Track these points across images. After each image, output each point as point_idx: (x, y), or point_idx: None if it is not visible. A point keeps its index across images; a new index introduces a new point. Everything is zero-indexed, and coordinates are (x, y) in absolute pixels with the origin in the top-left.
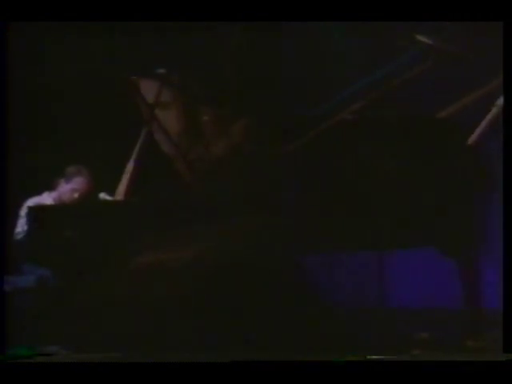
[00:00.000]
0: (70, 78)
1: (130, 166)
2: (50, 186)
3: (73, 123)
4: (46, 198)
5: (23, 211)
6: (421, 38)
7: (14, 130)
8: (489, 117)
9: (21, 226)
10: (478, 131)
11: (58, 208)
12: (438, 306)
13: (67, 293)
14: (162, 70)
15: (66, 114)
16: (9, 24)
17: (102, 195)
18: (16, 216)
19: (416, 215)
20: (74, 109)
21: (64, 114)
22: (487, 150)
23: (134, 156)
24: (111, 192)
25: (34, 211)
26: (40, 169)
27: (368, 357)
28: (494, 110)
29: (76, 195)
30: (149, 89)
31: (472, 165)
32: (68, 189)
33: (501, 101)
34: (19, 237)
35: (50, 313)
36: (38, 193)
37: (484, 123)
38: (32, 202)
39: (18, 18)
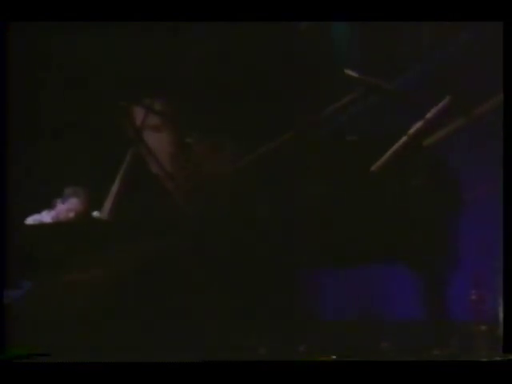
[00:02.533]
0: (70, 79)
1: (115, 186)
2: (48, 202)
3: (72, 126)
4: (45, 217)
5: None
6: (349, 72)
7: (13, 130)
8: (395, 147)
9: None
10: (382, 159)
11: (51, 225)
12: (404, 317)
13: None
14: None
15: (66, 116)
16: (9, 24)
17: (95, 213)
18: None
19: (382, 232)
20: (74, 110)
21: (63, 116)
22: (453, 167)
23: (119, 176)
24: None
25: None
26: (39, 178)
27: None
28: (404, 139)
29: (72, 215)
30: (136, 112)
31: (437, 183)
32: (64, 209)
33: (412, 130)
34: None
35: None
36: (36, 208)
37: (389, 152)
38: (32, 219)
39: (18, 18)
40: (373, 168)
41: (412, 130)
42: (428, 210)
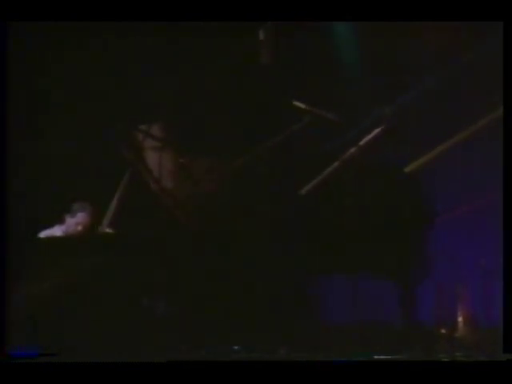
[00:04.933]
0: (69, 79)
1: (114, 202)
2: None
3: (71, 127)
4: (57, 231)
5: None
6: (296, 103)
7: (13, 130)
8: (323, 175)
9: None
10: (312, 183)
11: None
12: (374, 321)
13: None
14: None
15: (65, 116)
16: (9, 24)
17: (100, 228)
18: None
19: (355, 242)
20: (73, 111)
21: (62, 116)
22: (422, 182)
23: (118, 193)
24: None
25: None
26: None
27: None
28: (332, 167)
29: (80, 228)
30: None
31: (406, 196)
32: (73, 223)
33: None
34: None
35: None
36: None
37: (320, 177)
38: (44, 233)
39: (18, 18)
40: (302, 191)
41: (346, 155)
42: (392, 223)
